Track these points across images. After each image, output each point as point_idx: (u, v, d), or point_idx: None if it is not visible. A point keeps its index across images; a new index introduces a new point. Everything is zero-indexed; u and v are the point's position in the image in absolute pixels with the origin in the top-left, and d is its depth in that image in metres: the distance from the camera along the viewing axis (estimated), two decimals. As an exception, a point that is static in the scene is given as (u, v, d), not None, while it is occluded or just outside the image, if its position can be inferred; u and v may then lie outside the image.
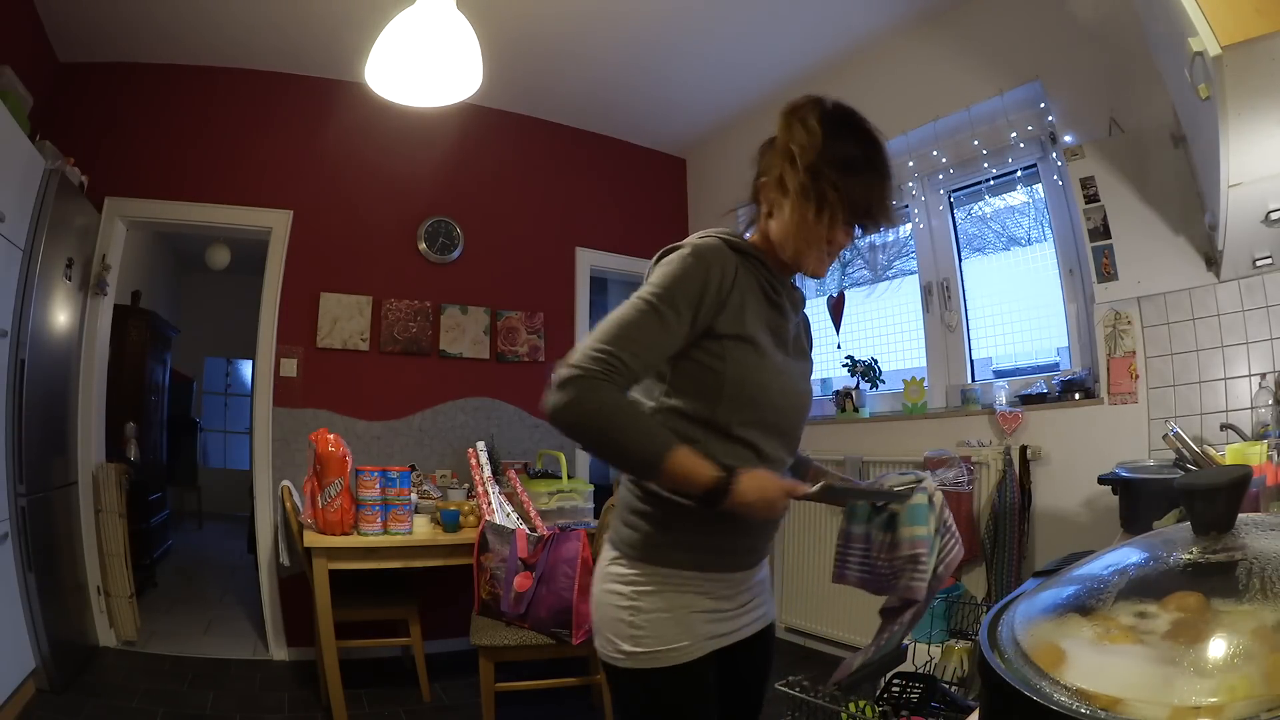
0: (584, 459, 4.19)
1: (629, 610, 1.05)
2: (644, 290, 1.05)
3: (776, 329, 1.14)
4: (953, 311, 3.24)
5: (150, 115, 3.47)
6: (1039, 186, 3.02)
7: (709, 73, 3.70)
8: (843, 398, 3.55)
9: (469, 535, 2.66)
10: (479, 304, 3.94)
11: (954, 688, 1.31)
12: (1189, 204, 2.26)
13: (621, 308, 1.04)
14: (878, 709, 0.92)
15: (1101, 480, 1.92)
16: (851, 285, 3.87)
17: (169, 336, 5.69)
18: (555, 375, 0.98)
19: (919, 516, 1.14)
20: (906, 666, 1.24)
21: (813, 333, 1.31)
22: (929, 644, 2.09)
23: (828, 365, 3.85)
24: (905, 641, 1.14)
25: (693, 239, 1.09)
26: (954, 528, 1.17)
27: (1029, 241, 3.16)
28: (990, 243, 3.33)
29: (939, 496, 1.16)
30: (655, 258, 1.11)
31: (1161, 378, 2.42)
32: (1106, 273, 2.47)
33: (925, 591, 1.10)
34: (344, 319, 3.64)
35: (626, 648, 1.05)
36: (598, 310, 5.48)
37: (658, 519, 1.07)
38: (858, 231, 1.12)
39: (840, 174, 1.04)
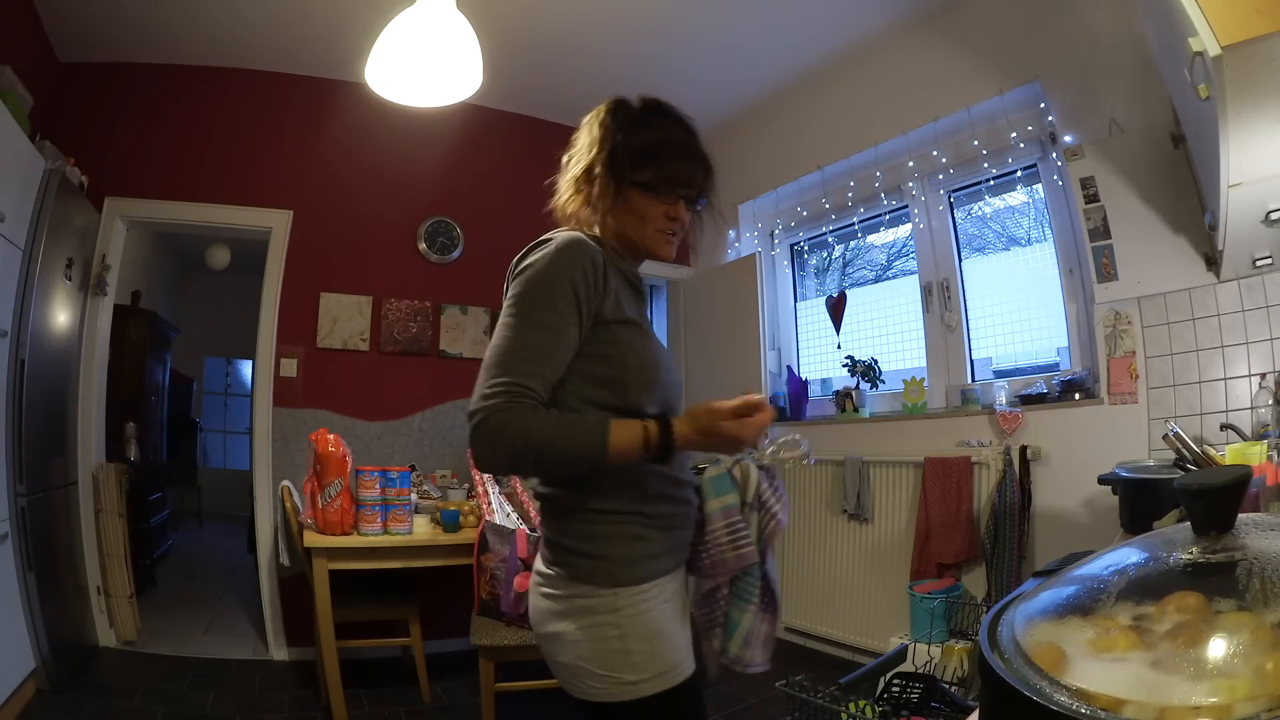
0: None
1: (627, 639, 1.01)
2: (515, 307, 1.02)
3: (643, 315, 1.15)
4: (953, 311, 3.24)
5: (150, 115, 3.47)
6: (1039, 186, 3.02)
7: (709, 73, 3.70)
8: (843, 398, 3.55)
9: (469, 535, 2.66)
10: (479, 304, 3.94)
11: (954, 688, 1.31)
12: (1189, 204, 2.26)
13: (500, 334, 1.02)
14: (878, 709, 0.92)
15: (1101, 480, 1.92)
16: (851, 285, 3.87)
17: (169, 336, 5.69)
18: (469, 425, 0.97)
19: (722, 487, 1.14)
20: (906, 666, 1.24)
21: None
22: (929, 644, 2.09)
23: (828, 365, 3.85)
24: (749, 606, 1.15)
25: (550, 244, 1.08)
26: (774, 506, 1.16)
27: (1029, 241, 3.16)
28: (990, 243, 3.33)
29: (746, 468, 1.15)
30: (513, 269, 1.08)
31: (1161, 378, 2.42)
32: (1106, 273, 2.47)
33: (756, 554, 1.11)
34: (344, 319, 3.65)
35: (630, 676, 1.00)
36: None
37: (625, 535, 1.04)
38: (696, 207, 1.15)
39: (641, 157, 1.09)
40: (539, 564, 1.10)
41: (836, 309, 3.70)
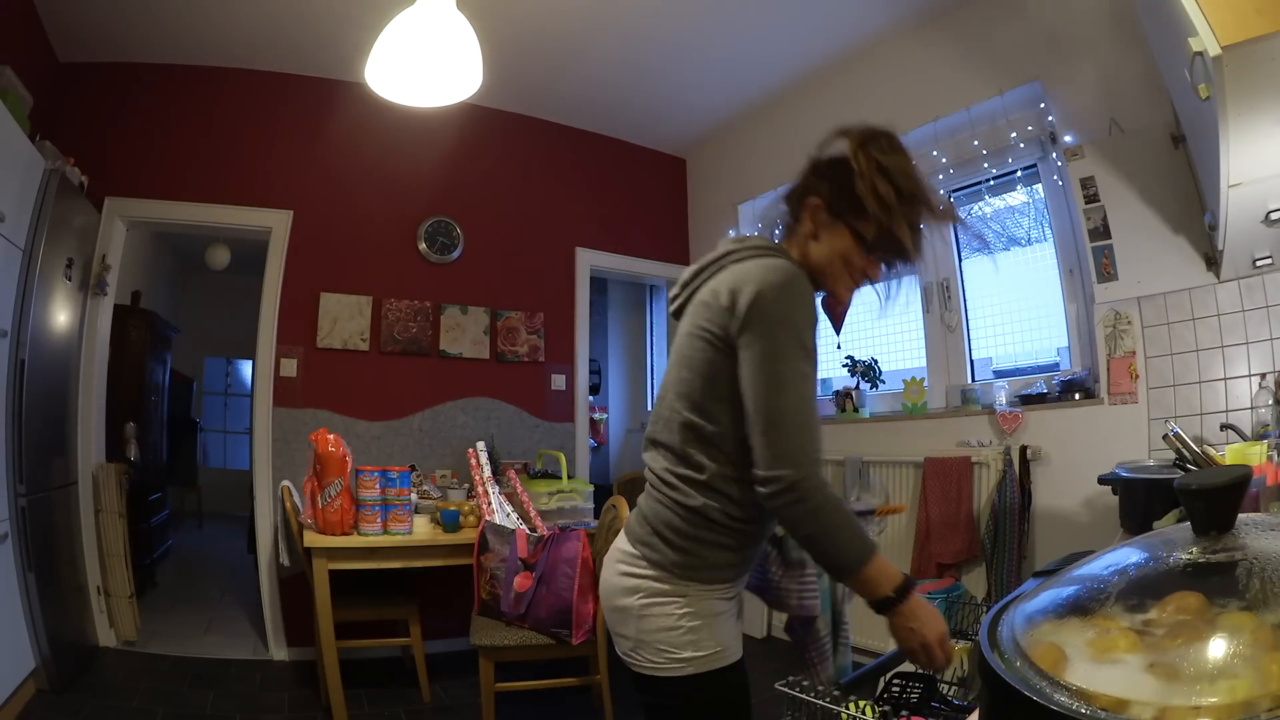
0: (584, 459, 4.19)
1: (687, 617, 1.09)
2: (788, 348, 1.03)
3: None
4: (953, 311, 3.24)
5: (150, 115, 3.47)
6: (1039, 186, 3.02)
7: (709, 73, 3.70)
8: (843, 398, 3.55)
9: (469, 535, 2.66)
10: (479, 304, 3.94)
11: (954, 688, 1.31)
12: (1189, 204, 2.26)
13: (784, 379, 1.02)
14: (878, 709, 0.91)
15: (1101, 480, 1.92)
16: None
17: (169, 336, 5.68)
18: (776, 474, 1.01)
19: None
20: (907, 666, 1.24)
21: None
22: (929, 644, 2.08)
23: (828, 365, 3.85)
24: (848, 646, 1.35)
25: (782, 267, 1.08)
26: None
27: (1029, 241, 3.16)
28: (990, 243, 3.33)
29: None
30: (754, 295, 1.04)
31: (1161, 378, 2.42)
32: (1106, 273, 2.47)
33: (818, 606, 1.27)
34: (344, 319, 3.64)
35: (688, 654, 1.09)
36: (598, 310, 5.47)
37: (709, 543, 1.10)
38: (885, 269, 1.20)
39: (905, 221, 1.11)
40: (622, 541, 1.17)
41: (835, 309, 3.69)
